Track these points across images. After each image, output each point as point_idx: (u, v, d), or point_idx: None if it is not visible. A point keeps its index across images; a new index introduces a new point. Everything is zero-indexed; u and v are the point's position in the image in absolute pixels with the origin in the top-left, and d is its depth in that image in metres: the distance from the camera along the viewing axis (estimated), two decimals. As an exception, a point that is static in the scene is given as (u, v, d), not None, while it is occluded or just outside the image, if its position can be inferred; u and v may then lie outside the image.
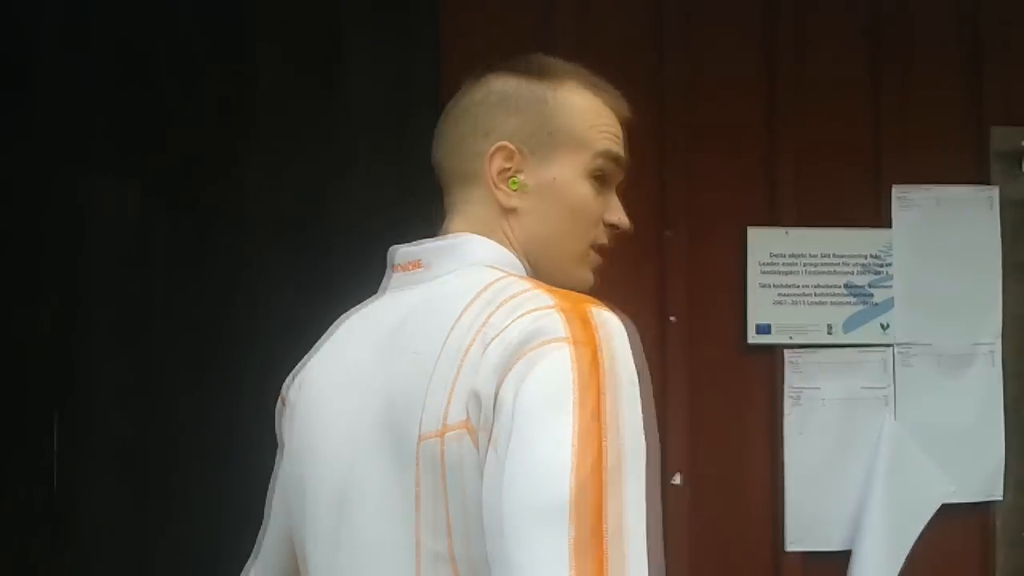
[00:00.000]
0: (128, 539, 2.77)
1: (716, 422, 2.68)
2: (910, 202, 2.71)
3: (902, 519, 2.64)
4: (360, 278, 1.42)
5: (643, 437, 1.09)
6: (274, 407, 1.38)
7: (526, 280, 1.21)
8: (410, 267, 1.28)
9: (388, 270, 1.32)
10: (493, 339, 1.11)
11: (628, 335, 1.13)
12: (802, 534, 2.65)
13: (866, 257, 2.71)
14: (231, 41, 2.87)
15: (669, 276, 2.68)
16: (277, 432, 1.37)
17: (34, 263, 2.84)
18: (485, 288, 1.18)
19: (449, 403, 1.11)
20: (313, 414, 1.29)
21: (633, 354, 1.12)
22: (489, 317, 1.13)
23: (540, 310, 1.12)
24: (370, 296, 1.34)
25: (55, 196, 2.84)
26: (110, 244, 2.88)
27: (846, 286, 2.70)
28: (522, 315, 1.11)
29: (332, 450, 1.24)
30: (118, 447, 2.82)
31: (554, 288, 1.18)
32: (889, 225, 2.72)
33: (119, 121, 2.89)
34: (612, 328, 1.12)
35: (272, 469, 1.39)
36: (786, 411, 2.67)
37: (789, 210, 2.71)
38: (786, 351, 2.68)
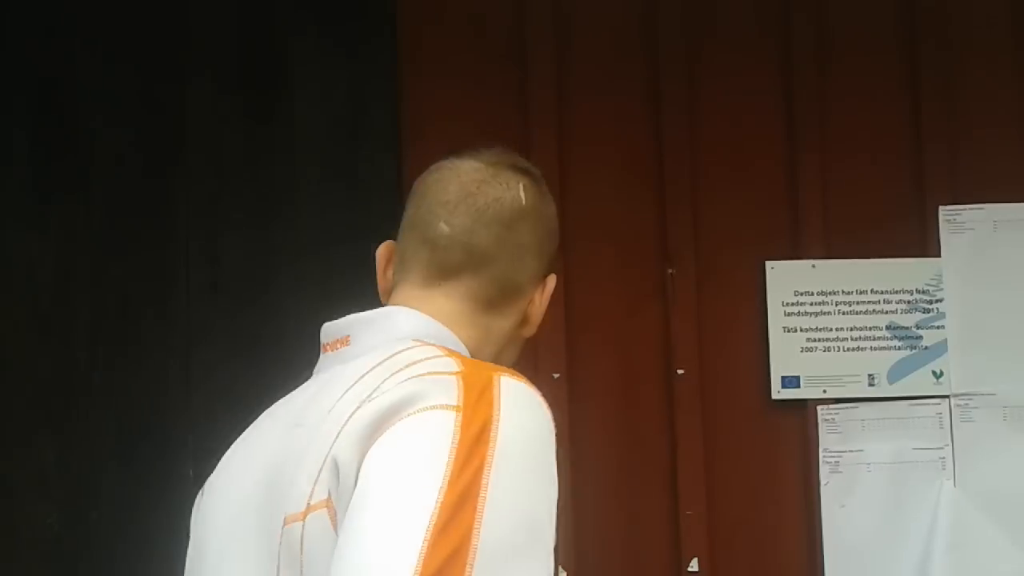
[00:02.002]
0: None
1: (738, 495, 2.51)
2: (962, 225, 2.56)
3: (966, 607, 2.48)
4: (309, 338, 1.29)
5: (548, 537, 0.99)
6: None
7: (446, 350, 1.12)
8: (338, 345, 1.21)
9: (320, 350, 1.24)
10: (369, 402, 1.03)
11: (547, 419, 1.05)
12: (846, 627, 2.51)
13: (912, 292, 2.55)
14: (158, 72, 2.62)
15: (674, 322, 2.51)
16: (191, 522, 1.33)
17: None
18: (393, 355, 1.10)
19: (317, 479, 1.03)
20: (212, 504, 1.24)
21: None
22: (382, 383, 1.05)
23: (435, 375, 1.04)
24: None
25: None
26: (23, 305, 2.59)
27: (889, 327, 2.54)
28: (411, 378, 1.04)
29: (216, 540, 1.20)
30: (37, 537, 2.56)
31: (471, 359, 1.13)
32: (938, 253, 2.57)
33: (33, 164, 2.62)
34: (522, 401, 1.03)
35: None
36: (822, 480, 2.50)
37: (815, 239, 2.55)
38: (819, 407, 2.52)
